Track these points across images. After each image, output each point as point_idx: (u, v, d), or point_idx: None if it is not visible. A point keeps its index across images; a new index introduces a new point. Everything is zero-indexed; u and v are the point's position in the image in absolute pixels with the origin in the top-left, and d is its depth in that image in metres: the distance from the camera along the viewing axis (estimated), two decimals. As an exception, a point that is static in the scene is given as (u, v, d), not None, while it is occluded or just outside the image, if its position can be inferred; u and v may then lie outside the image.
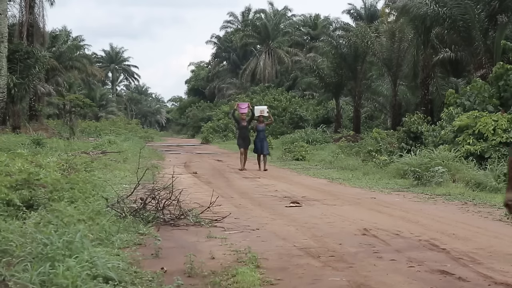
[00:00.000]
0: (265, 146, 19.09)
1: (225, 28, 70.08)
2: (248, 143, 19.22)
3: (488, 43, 23.37)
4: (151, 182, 10.99)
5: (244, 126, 19.39)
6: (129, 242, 6.56)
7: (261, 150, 18.91)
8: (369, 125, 36.55)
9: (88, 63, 49.21)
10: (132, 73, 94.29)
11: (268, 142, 20.90)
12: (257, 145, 19.04)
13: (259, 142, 19.00)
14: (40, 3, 34.60)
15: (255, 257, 5.96)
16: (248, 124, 19.56)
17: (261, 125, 19.33)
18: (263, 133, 19.36)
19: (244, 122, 19.39)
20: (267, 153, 19.25)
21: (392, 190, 13.23)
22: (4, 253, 5.13)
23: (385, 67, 32.99)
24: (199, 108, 67.24)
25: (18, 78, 28.38)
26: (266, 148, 19.10)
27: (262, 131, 19.31)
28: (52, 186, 8.25)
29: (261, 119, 19.41)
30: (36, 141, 19.20)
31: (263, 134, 19.28)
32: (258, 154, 19.04)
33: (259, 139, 19.07)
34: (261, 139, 19.08)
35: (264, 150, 18.93)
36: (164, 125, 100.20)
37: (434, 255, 6.37)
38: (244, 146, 18.98)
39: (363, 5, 54.18)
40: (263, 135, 19.24)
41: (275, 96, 47.28)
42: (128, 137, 33.92)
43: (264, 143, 19.03)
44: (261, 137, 19.13)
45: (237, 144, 19.51)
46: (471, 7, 23.10)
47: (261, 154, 18.91)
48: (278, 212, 9.79)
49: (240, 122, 19.54)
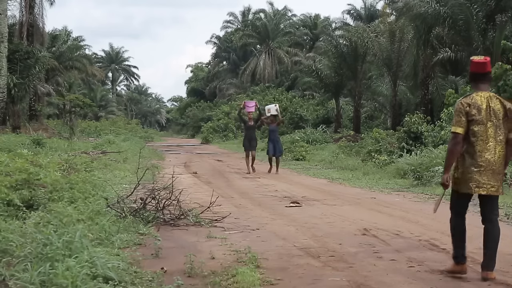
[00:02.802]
0: (278, 148, 17.94)
1: (225, 28, 70.16)
2: (255, 144, 18.26)
3: (487, 43, 23.36)
4: (151, 182, 11.00)
5: (251, 126, 18.29)
6: (129, 242, 6.56)
7: (274, 151, 17.84)
8: (369, 125, 36.51)
9: (88, 63, 49.20)
10: (132, 73, 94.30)
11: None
12: (270, 147, 17.96)
13: (272, 143, 17.89)
14: (40, 3, 34.62)
15: (255, 257, 5.96)
16: (255, 124, 18.59)
17: (273, 125, 18.12)
18: (276, 133, 18.19)
19: (251, 122, 18.33)
20: (279, 155, 18.23)
21: (392, 190, 13.22)
22: (4, 253, 5.13)
23: (385, 67, 32.98)
24: (199, 108, 67.26)
25: (18, 78, 28.35)
26: (279, 150, 18.01)
27: (274, 131, 18.14)
28: (52, 186, 8.26)
29: (271, 118, 18.18)
30: (36, 141, 19.18)
31: (275, 134, 18.10)
32: (270, 156, 17.97)
33: (272, 140, 17.96)
34: (273, 139, 17.95)
35: (277, 152, 17.90)
36: (164, 125, 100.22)
37: (434, 255, 6.37)
38: (250, 148, 17.99)
39: (363, 5, 54.22)
40: (275, 136, 18.07)
41: (275, 96, 47.26)
42: (128, 137, 33.95)
43: (276, 144, 17.90)
44: (273, 138, 18.00)
45: (243, 145, 18.36)
46: (468, 7, 23.10)
47: (273, 156, 17.88)
48: (278, 212, 9.79)
49: (247, 122, 18.44)
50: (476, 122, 5.30)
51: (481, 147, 5.30)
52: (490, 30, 23.72)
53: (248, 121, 18.37)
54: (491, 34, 23.61)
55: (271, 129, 18.25)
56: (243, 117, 19.12)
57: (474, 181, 5.33)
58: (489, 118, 5.31)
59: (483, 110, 5.31)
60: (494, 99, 5.39)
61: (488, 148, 5.31)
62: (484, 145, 5.31)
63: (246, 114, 18.75)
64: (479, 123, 5.30)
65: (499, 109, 5.34)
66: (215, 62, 73.63)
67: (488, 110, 5.32)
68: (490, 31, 23.72)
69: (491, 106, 5.33)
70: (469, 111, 5.30)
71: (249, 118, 18.40)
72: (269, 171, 17.83)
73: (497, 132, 5.33)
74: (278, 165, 18.08)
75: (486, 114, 5.31)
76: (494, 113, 5.32)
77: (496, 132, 5.32)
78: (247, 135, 18.27)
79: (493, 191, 5.38)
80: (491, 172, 5.32)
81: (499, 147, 5.35)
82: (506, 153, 5.40)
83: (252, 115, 18.42)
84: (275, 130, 18.17)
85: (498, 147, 5.34)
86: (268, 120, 18.30)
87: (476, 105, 5.32)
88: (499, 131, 5.33)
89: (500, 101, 5.39)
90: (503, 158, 5.38)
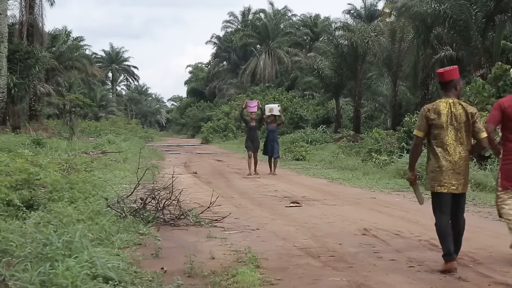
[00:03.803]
0: (276, 148, 17.69)
1: (225, 28, 70.15)
2: (257, 145, 17.82)
3: (486, 43, 23.36)
4: (151, 182, 11.00)
5: (253, 126, 17.90)
6: (129, 242, 6.56)
7: (271, 152, 17.60)
8: (369, 125, 36.52)
9: (88, 63, 49.23)
10: (132, 73, 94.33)
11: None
12: (267, 147, 17.68)
13: (270, 143, 17.61)
14: (40, 3, 34.62)
15: (255, 257, 5.96)
16: (257, 125, 18.24)
17: (272, 125, 17.78)
18: (275, 134, 17.81)
19: (253, 122, 17.93)
20: (277, 156, 17.95)
21: (392, 190, 13.22)
22: (4, 253, 5.13)
23: (385, 67, 32.98)
24: (199, 108, 67.27)
25: (18, 78, 28.35)
26: (277, 151, 17.75)
27: (274, 131, 17.78)
28: (52, 186, 8.26)
29: (272, 118, 17.86)
30: (36, 141, 19.17)
31: (273, 135, 17.74)
32: (269, 156, 17.77)
33: (270, 140, 17.64)
34: (271, 140, 17.63)
35: (275, 153, 17.63)
36: (164, 125, 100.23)
37: (434, 255, 6.37)
38: (253, 148, 17.58)
39: (363, 5, 54.23)
40: (273, 136, 17.71)
41: (275, 96, 47.28)
42: (128, 137, 33.92)
43: (275, 145, 17.63)
44: (272, 138, 17.66)
45: (245, 146, 17.96)
46: (467, 7, 23.09)
47: (271, 156, 17.68)
48: (278, 212, 9.79)
49: (249, 122, 18.00)
50: (436, 126, 5.73)
51: (442, 149, 5.74)
52: (489, 30, 23.73)
53: (250, 121, 17.98)
54: (491, 34, 23.62)
55: (270, 129, 17.85)
56: (245, 117, 18.71)
57: (436, 180, 5.74)
58: (450, 122, 5.72)
59: (444, 115, 5.72)
60: (457, 104, 5.79)
61: (448, 150, 5.73)
62: (444, 147, 5.73)
63: (248, 114, 18.34)
64: (439, 127, 5.72)
65: (461, 113, 5.73)
66: (215, 62, 73.61)
67: (450, 115, 5.72)
68: (490, 31, 23.73)
69: (453, 111, 5.73)
70: (429, 115, 5.74)
71: (251, 118, 18.00)
72: (270, 173, 17.53)
73: (457, 135, 5.72)
74: (276, 166, 17.80)
75: (447, 118, 5.72)
76: (455, 118, 5.72)
77: (457, 135, 5.72)
78: (249, 136, 17.89)
79: (454, 190, 5.74)
80: (451, 172, 5.72)
81: (460, 149, 5.74)
82: (472, 150, 5.85)
83: (254, 116, 18.09)
84: (274, 130, 17.84)
85: (459, 148, 5.74)
86: (268, 119, 17.95)
87: (437, 111, 5.74)
88: (460, 134, 5.72)
89: (463, 106, 5.79)
90: (464, 159, 5.77)
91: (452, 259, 5.61)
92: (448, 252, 5.61)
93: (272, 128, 17.81)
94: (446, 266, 5.60)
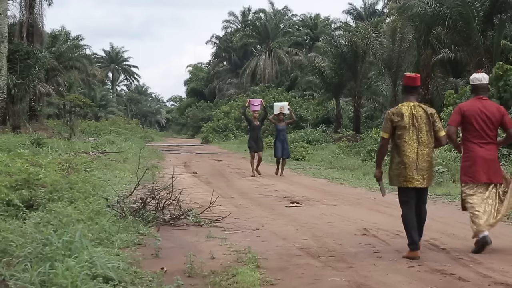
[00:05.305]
0: (286, 149, 17.17)
1: (225, 28, 70.10)
2: (260, 145, 17.23)
3: (487, 43, 23.34)
4: (151, 182, 10.99)
5: (256, 126, 17.20)
6: (129, 242, 6.56)
7: (282, 153, 17.02)
8: (369, 125, 36.50)
9: (88, 63, 49.19)
10: (132, 73, 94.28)
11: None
12: (277, 148, 17.04)
13: (280, 144, 17.00)
14: (40, 3, 34.62)
15: (255, 257, 5.96)
16: (261, 124, 17.65)
17: (282, 124, 17.30)
18: (284, 133, 17.34)
19: (256, 121, 17.29)
20: (287, 157, 17.46)
21: (392, 190, 13.19)
22: (4, 253, 5.13)
23: (385, 67, 32.97)
24: (199, 108, 67.26)
25: (18, 78, 28.34)
26: (287, 151, 17.26)
27: (283, 131, 17.29)
28: (52, 186, 8.25)
29: (281, 117, 17.37)
30: (36, 141, 19.15)
31: (283, 134, 17.25)
32: (278, 158, 17.15)
33: (280, 140, 17.06)
34: (282, 140, 17.07)
35: (285, 153, 17.09)
36: (164, 125, 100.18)
37: (434, 255, 6.37)
38: (256, 149, 16.94)
39: (363, 5, 54.24)
40: (283, 136, 17.24)
41: (275, 96, 47.27)
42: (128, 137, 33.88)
43: (285, 145, 17.11)
44: (282, 138, 17.12)
45: (248, 146, 17.37)
46: (469, 7, 23.07)
47: (281, 157, 17.06)
48: (278, 212, 9.79)
49: (252, 121, 17.30)
50: (399, 127, 6.32)
51: (404, 147, 6.31)
52: (490, 30, 23.71)
53: (253, 120, 17.30)
54: (491, 34, 23.60)
55: (279, 129, 17.33)
56: (248, 116, 17.69)
57: (402, 176, 6.35)
58: (411, 123, 6.30)
59: (406, 117, 6.30)
60: (418, 107, 6.38)
61: (410, 148, 6.30)
62: (407, 146, 6.31)
63: (251, 114, 17.65)
64: (402, 128, 6.30)
65: (421, 115, 6.33)
66: (215, 62, 73.58)
67: (411, 117, 6.30)
68: (490, 31, 23.71)
69: (414, 113, 6.32)
70: (393, 118, 6.34)
71: (254, 117, 17.36)
72: (276, 173, 17.10)
73: (419, 135, 6.30)
74: (284, 168, 17.27)
75: (409, 120, 6.30)
76: (416, 119, 6.30)
77: (418, 134, 6.30)
78: (252, 136, 17.23)
79: (418, 184, 6.33)
80: (414, 168, 6.29)
81: (421, 147, 6.32)
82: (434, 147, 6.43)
83: (257, 115, 17.58)
84: (283, 129, 17.36)
85: (420, 147, 6.31)
86: (275, 119, 17.55)
87: (400, 113, 6.33)
88: (421, 133, 6.30)
89: (423, 108, 6.39)
90: (426, 156, 6.32)
91: (417, 248, 6.19)
92: (413, 241, 6.20)
93: (281, 127, 17.37)
94: (410, 254, 6.15)
